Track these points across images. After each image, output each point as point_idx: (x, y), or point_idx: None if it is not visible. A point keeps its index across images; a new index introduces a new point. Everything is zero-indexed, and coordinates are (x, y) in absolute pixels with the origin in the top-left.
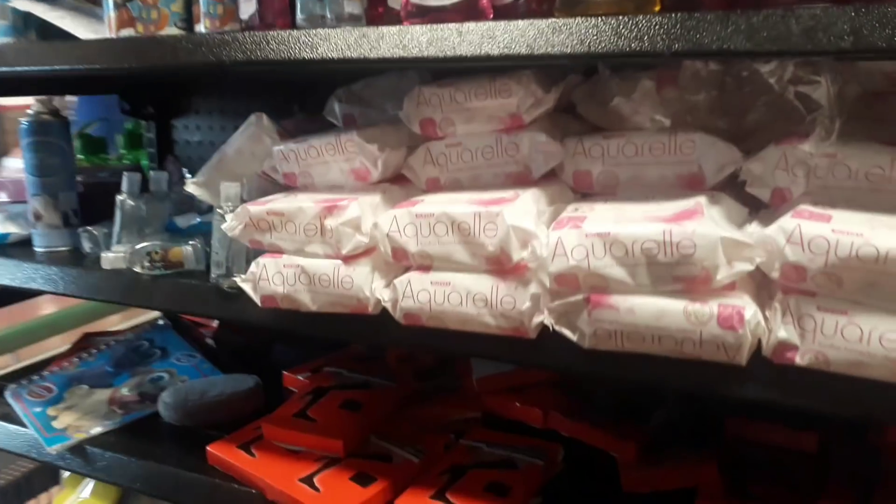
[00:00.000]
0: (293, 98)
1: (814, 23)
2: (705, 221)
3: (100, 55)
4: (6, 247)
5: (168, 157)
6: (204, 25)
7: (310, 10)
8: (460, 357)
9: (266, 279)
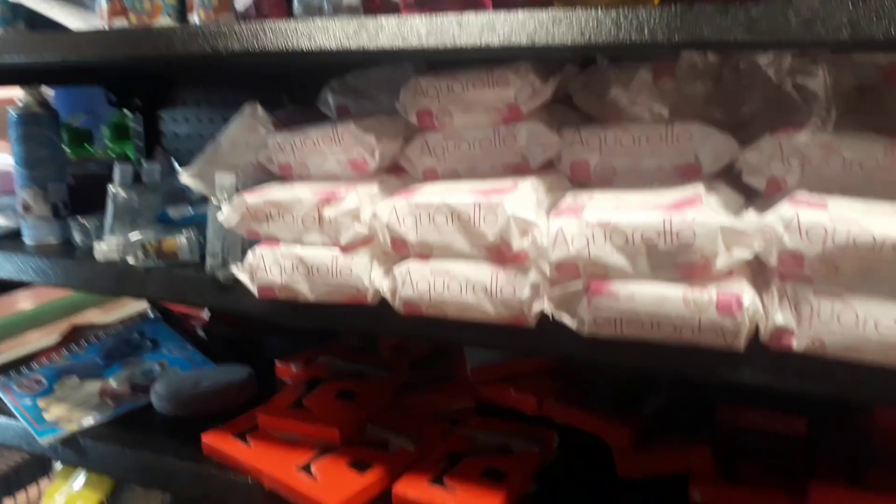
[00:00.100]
0: (282, 89)
1: (812, 15)
2: (705, 210)
3: (93, 46)
4: None
5: (157, 149)
6: (197, 15)
7: (307, 0)
8: (456, 347)
9: (263, 269)
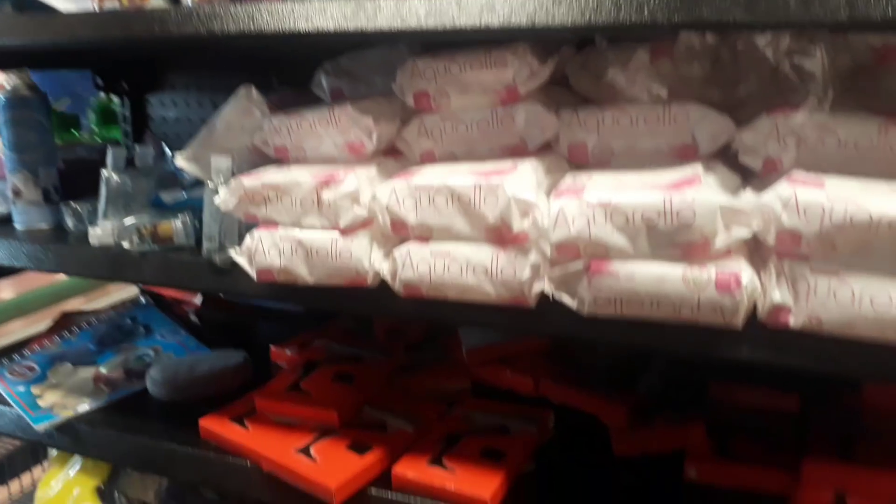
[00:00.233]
0: (272, 72)
1: None
2: (704, 189)
3: (85, 28)
4: None
5: (147, 133)
6: None
7: None
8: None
9: (262, 252)
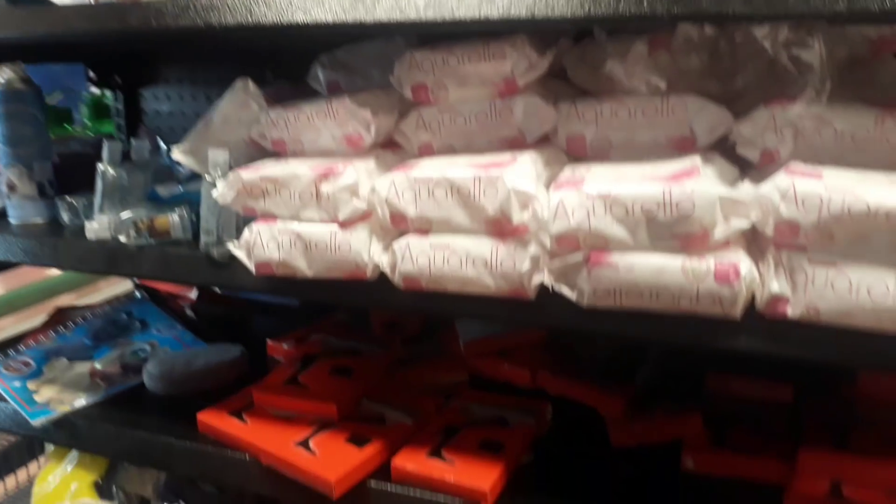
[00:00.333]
0: (266, 65)
1: None
2: (703, 181)
3: (81, 20)
4: None
5: (141, 127)
6: None
7: None
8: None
9: (260, 245)
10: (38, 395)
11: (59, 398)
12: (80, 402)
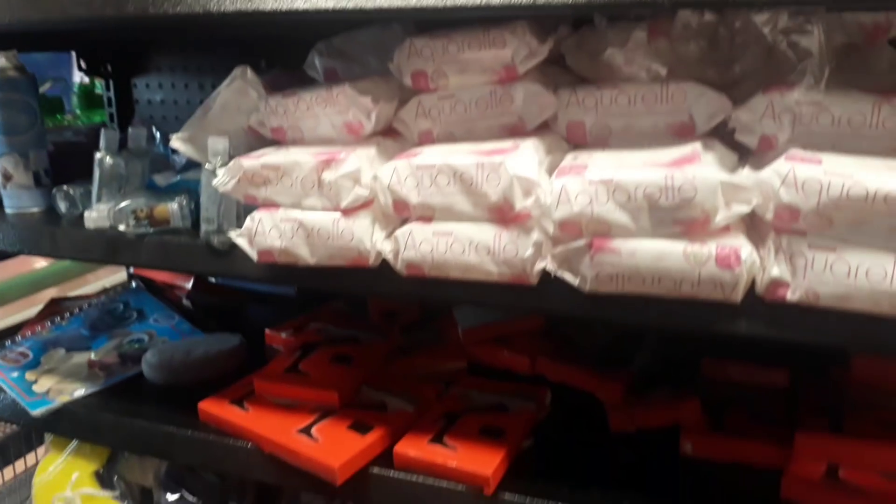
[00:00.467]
0: (260, 53)
1: None
2: (704, 166)
3: (75, 7)
4: None
5: (135, 117)
6: None
7: None
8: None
9: (262, 233)
10: (36, 385)
11: (58, 388)
12: (80, 391)
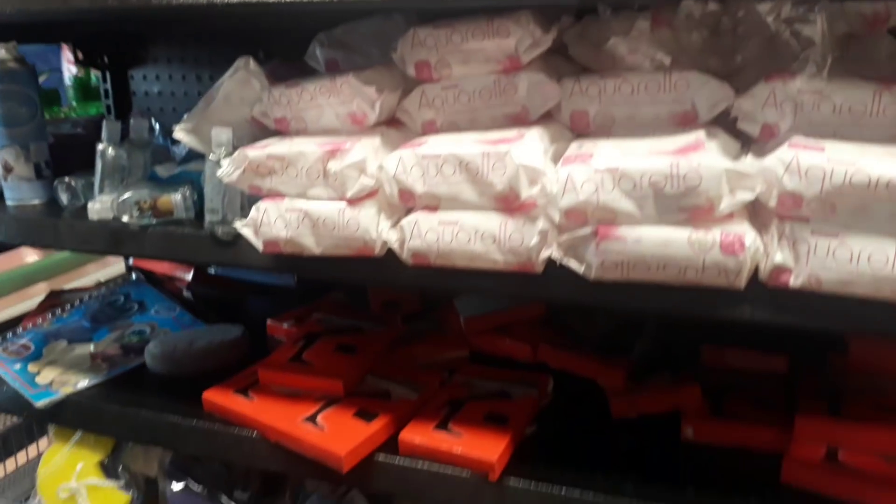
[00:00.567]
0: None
1: None
2: (709, 154)
3: None
4: None
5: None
6: None
7: None
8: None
9: (268, 224)
10: (39, 377)
11: (61, 380)
12: (83, 383)
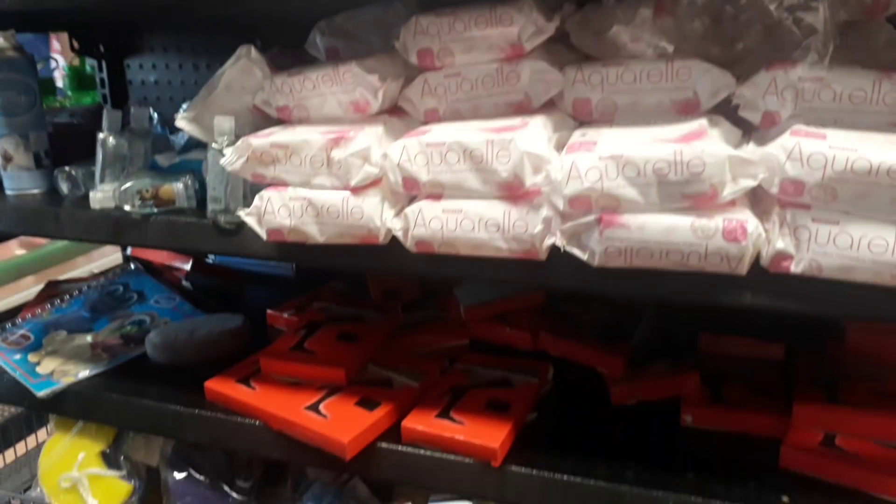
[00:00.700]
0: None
1: None
2: (712, 141)
3: None
4: None
5: (130, 98)
6: None
7: None
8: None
9: (272, 212)
10: (40, 367)
11: (62, 370)
12: (85, 372)
